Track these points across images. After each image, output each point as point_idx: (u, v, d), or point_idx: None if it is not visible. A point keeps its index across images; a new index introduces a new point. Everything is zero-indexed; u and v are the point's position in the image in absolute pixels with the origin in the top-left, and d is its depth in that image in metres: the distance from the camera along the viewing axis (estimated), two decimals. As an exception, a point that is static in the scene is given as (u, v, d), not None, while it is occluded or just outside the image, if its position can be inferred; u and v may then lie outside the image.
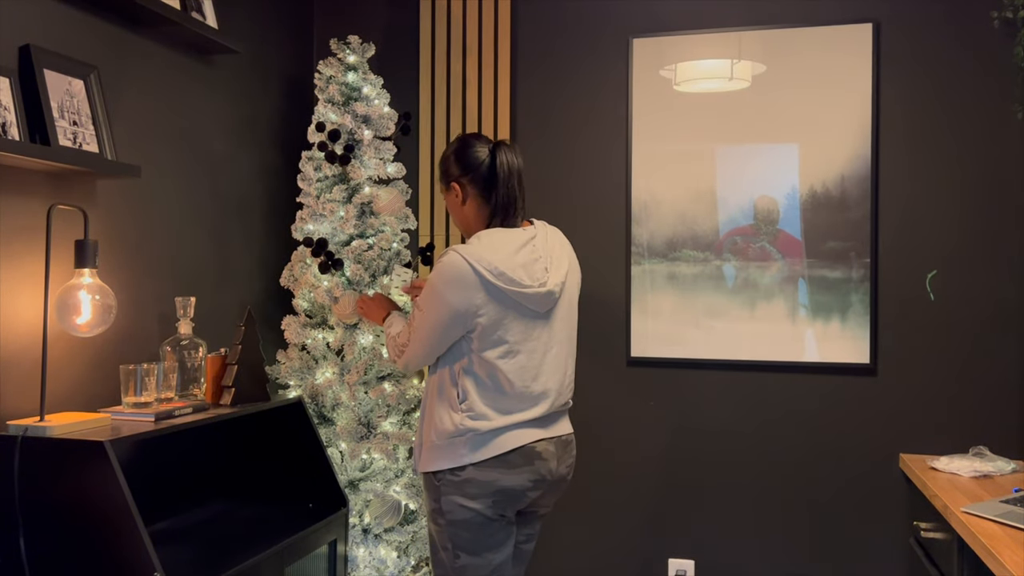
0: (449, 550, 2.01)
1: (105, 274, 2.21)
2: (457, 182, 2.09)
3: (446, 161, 2.12)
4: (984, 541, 1.77)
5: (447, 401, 2.02)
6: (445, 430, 2.00)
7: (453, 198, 2.11)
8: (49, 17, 2.10)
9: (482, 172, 2.06)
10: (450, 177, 2.11)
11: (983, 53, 2.79)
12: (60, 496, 1.82)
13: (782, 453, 2.96)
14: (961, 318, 2.82)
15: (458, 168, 2.09)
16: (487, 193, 2.07)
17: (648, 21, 3.09)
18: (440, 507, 2.01)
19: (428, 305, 2.01)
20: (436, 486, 2.01)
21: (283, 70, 3.19)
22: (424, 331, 2.03)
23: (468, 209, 2.10)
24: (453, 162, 2.10)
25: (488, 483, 1.97)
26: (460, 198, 2.09)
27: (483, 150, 2.08)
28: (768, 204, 2.95)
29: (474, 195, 2.08)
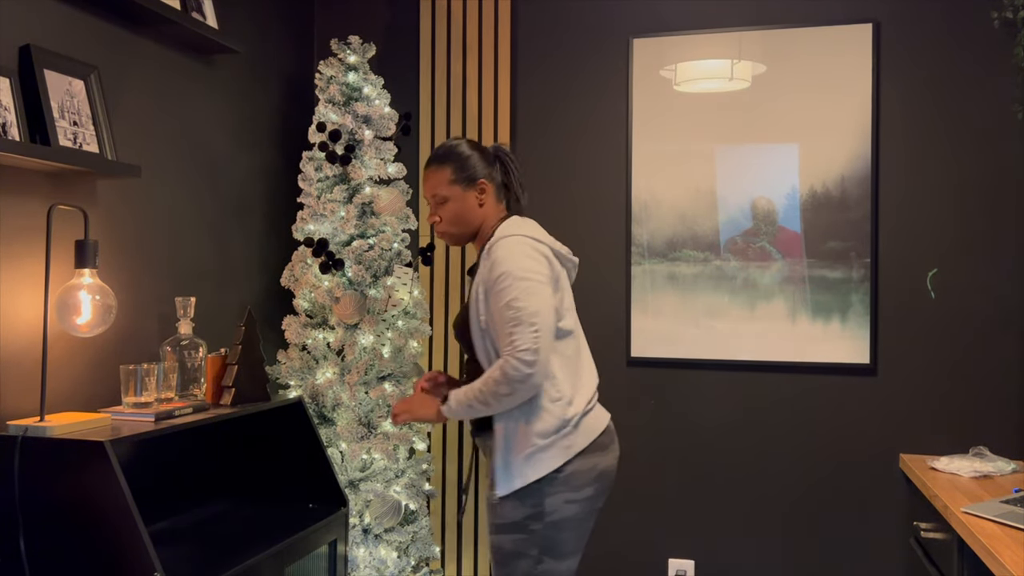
0: (533, 556, 1.93)
1: (105, 274, 2.21)
2: (484, 180, 2.05)
3: (469, 160, 2.05)
4: (984, 541, 1.77)
5: (544, 397, 1.93)
6: (549, 428, 1.92)
7: (473, 196, 2.04)
8: (49, 17, 2.10)
9: (497, 169, 2.09)
10: (477, 175, 2.05)
11: (983, 53, 2.79)
12: (60, 496, 1.82)
13: (782, 453, 2.96)
14: (961, 318, 2.82)
15: (484, 166, 2.06)
16: (502, 190, 2.10)
17: (648, 21, 3.09)
18: (542, 510, 1.92)
19: (523, 293, 1.87)
20: (540, 490, 1.92)
21: (283, 70, 3.19)
22: (539, 319, 1.86)
23: (487, 207, 2.06)
24: (478, 160, 2.06)
25: (591, 469, 1.95)
26: (483, 195, 2.05)
27: (488, 149, 2.11)
28: (766, 205, 2.95)
29: (492, 192, 2.06)
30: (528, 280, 1.88)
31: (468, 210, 2.05)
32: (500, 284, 1.89)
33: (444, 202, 2.04)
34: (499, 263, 1.91)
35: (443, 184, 2.04)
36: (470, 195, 2.04)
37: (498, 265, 1.91)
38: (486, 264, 1.95)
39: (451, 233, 2.08)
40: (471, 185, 2.04)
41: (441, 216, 2.06)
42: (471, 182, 2.04)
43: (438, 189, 2.04)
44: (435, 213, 2.08)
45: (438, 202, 2.05)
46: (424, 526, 2.79)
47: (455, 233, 2.07)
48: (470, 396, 1.93)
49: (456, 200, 2.04)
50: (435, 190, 2.05)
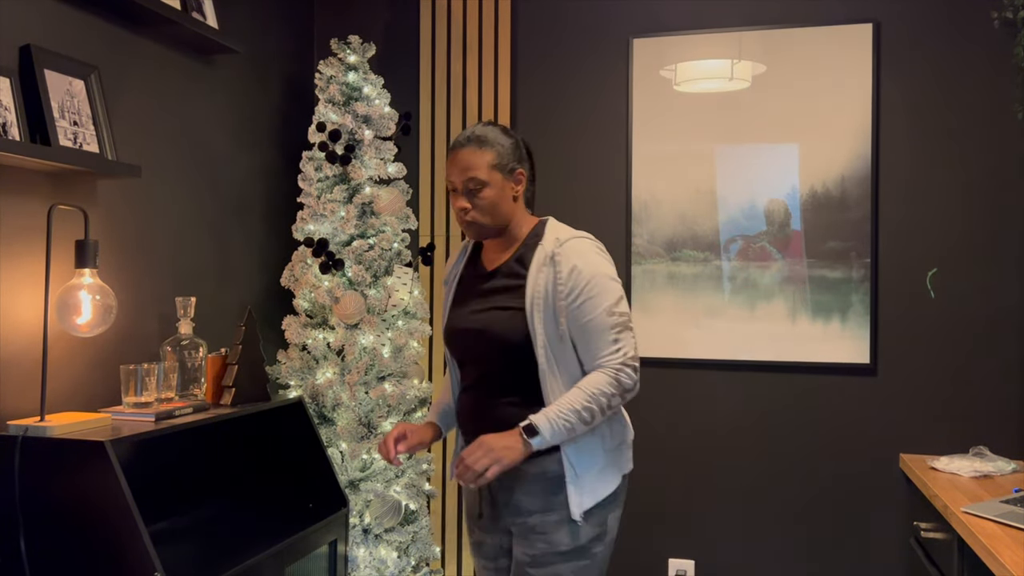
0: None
1: (105, 274, 2.21)
2: (523, 171, 1.90)
3: (511, 147, 1.87)
4: (984, 541, 1.77)
5: None
6: (617, 440, 1.87)
7: (511, 187, 1.86)
8: (49, 17, 2.10)
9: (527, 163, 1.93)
10: (517, 165, 1.88)
11: (983, 53, 2.79)
12: (60, 496, 1.82)
13: (782, 453, 2.96)
14: (961, 318, 2.82)
15: (522, 156, 1.90)
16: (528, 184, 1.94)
17: (648, 21, 3.09)
18: (605, 530, 1.82)
19: (620, 298, 1.80)
20: (604, 508, 1.82)
21: (283, 70, 3.19)
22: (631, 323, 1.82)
23: (519, 201, 1.90)
24: (518, 149, 1.89)
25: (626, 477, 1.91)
26: (519, 188, 1.88)
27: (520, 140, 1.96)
28: (775, 206, 2.95)
29: (524, 186, 1.90)
30: (618, 283, 1.81)
31: (504, 200, 1.86)
32: (594, 288, 1.77)
33: (480, 188, 1.82)
34: (584, 266, 1.78)
35: (483, 168, 1.82)
36: (508, 185, 1.86)
37: (583, 268, 1.78)
38: (553, 268, 1.79)
39: (481, 224, 1.85)
40: (511, 174, 1.86)
41: (475, 204, 1.83)
42: (511, 171, 1.87)
43: (477, 172, 1.82)
44: (466, 200, 1.84)
45: (473, 188, 1.82)
46: (424, 526, 2.79)
47: (486, 224, 1.85)
48: (569, 416, 1.72)
49: (495, 187, 1.84)
50: (473, 173, 1.82)
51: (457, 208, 1.85)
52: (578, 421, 1.73)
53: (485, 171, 1.82)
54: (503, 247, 1.91)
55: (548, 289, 1.78)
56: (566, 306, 1.77)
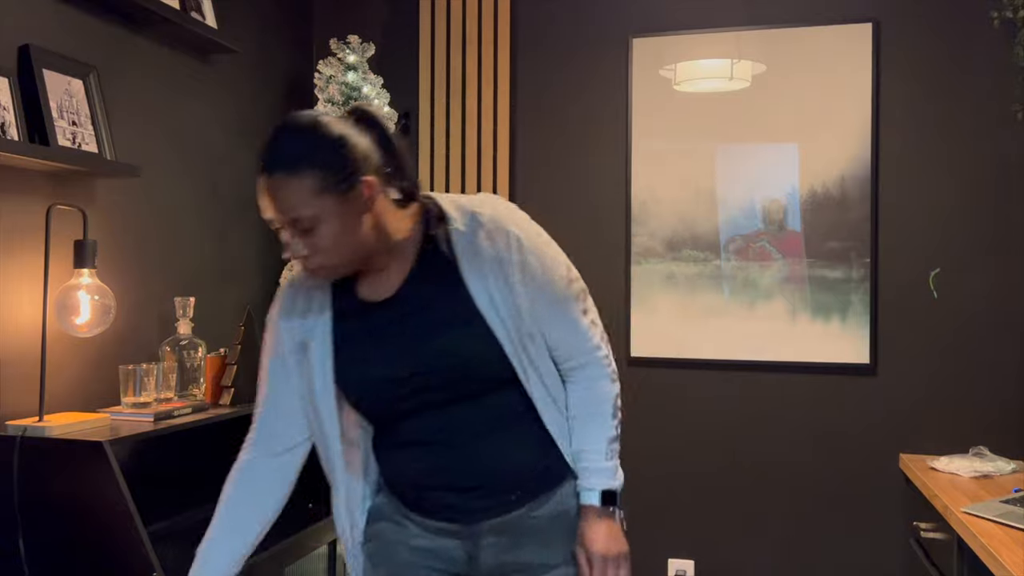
0: None
1: (104, 274, 2.21)
2: (370, 174, 1.31)
3: (345, 147, 1.29)
4: (984, 541, 1.76)
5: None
6: None
7: (359, 204, 1.30)
8: (48, 17, 2.10)
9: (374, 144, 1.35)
10: (360, 166, 1.30)
11: (983, 53, 2.79)
12: (59, 496, 1.82)
13: (782, 453, 2.96)
14: (961, 318, 2.81)
15: (359, 147, 1.31)
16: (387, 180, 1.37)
17: (648, 20, 3.08)
18: None
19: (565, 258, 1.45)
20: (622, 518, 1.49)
21: (283, 70, 3.19)
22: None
23: (381, 207, 1.34)
24: (353, 148, 1.30)
25: None
26: (371, 197, 1.31)
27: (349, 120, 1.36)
28: (775, 206, 2.95)
29: (379, 184, 1.34)
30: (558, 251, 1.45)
31: (354, 227, 1.30)
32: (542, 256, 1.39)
33: (313, 227, 1.27)
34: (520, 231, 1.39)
35: (306, 201, 1.26)
36: (353, 206, 1.29)
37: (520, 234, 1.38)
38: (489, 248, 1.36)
39: (334, 266, 1.33)
40: (352, 190, 1.28)
41: (313, 247, 1.29)
42: (351, 186, 1.28)
43: (299, 210, 1.26)
44: (301, 244, 1.29)
45: (303, 228, 1.28)
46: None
47: (343, 264, 1.33)
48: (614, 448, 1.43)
49: (333, 219, 1.28)
50: (295, 213, 1.26)
51: (291, 255, 1.31)
52: (618, 442, 1.46)
53: (310, 204, 1.26)
54: (386, 265, 1.38)
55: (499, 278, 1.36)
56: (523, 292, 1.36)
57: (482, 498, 1.40)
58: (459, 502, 1.41)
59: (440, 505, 1.42)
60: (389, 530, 1.47)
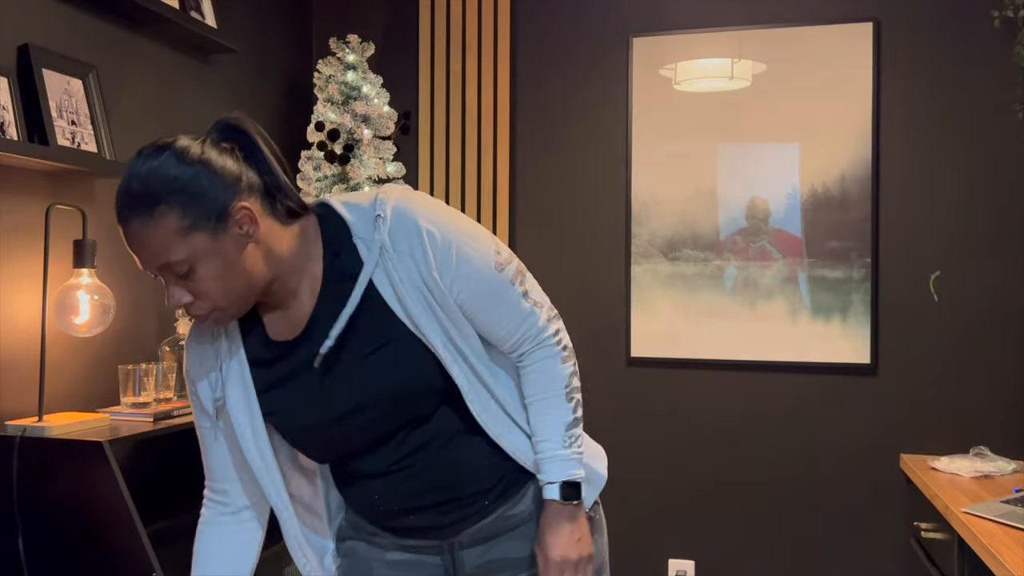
0: None
1: (104, 274, 2.21)
2: (242, 200, 1.15)
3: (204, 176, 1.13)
4: (984, 541, 1.76)
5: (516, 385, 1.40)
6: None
7: (235, 237, 1.14)
8: (48, 17, 2.09)
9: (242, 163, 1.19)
10: (228, 195, 1.14)
11: (984, 52, 2.79)
12: (59, 496, 1.81)
13: (782, 453, 2.96)
14: (961, 318, 2.81)
15: (228, 177, 1.15)
16: (268, 199, 1.19)
17: (648, 20, 3.08)
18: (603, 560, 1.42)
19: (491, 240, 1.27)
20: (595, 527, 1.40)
21: (282, 69, 3.19)
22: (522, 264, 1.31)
23: (266, 231, 1.17)
24: (215, 173, 1.14)
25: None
26: (251, 225, 1.15)
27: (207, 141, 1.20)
28: (762, 204, 2.95)
29: (259, 209, 1.17)
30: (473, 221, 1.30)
31: (237, 262, 1.15)
32: (459, 243, 1.22)
33: (189, 272, 1.14)
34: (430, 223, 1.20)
35: (173, 243, 1.12)
36: (229, 240, 1.14)
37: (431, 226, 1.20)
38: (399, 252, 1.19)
39: (225, 308, 1.18)
40: (223, 223, 1.13)
41: (197, 292, 1.15)
42: (221, 218, 1.13)
43: (168, 255, 1.12)
44: (182, 290, 1.16)
45: (177, 275, 1.14)
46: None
47: (235, 303, 1.18)
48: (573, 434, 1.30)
49: (210, 258, 1.13)
50: (164, 258, 1.13)
51: (172, 304, 1.17)
52: (579, 429, 1.32)
53: (177, 247, 1.12)
54: (290, 293, 1.23)
55: (417, 283, 1.20)
56: (447, 291, 1.21)
57: (452, 512, 1.30)
58: (431, 521, 1.31)
59: (411, 528, 1.33)
60: (361, 547, 1.38)
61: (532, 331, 1.28)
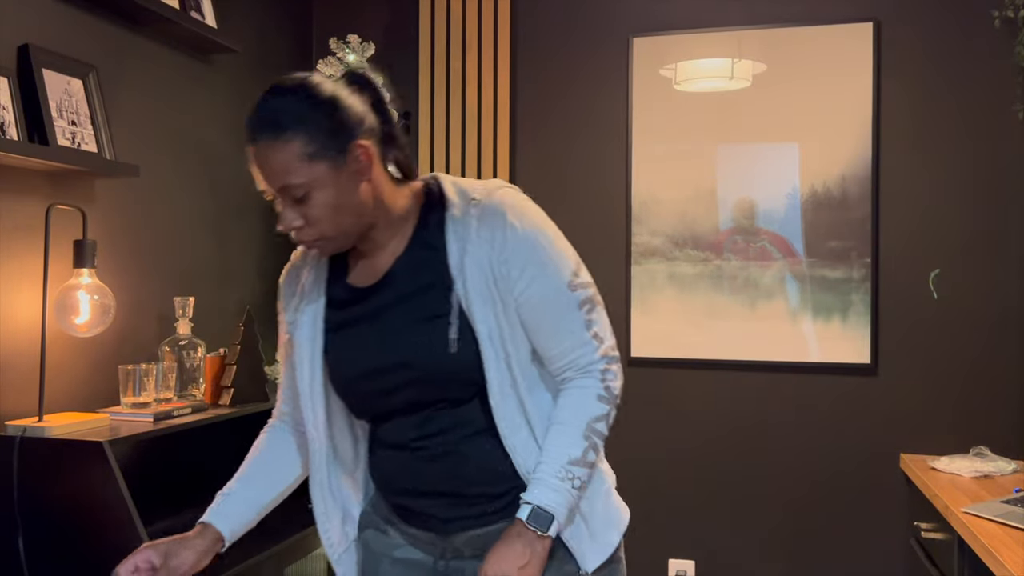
0: None
1: (104, 274, 2.21)
2: (364, 138, 1.23)
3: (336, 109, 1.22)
4: (984, 541, 1.76)
5: None
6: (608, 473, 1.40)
7: (352, 170, 1.22)
8: (48, 17, 2.09)
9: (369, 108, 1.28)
10: (353, 131, 1.22)
11: (984, 52, 2.79)
12: (59, 497, 1.81)
13: (782, 453, 2.96)
14: (962, 318, 2.81)
15: (353, 110, 1.24)
16: (384, 148, 1.29)
17: (648, 20, 3.08)
18: None
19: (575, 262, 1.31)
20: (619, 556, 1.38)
21: (283, 69, 3.16)
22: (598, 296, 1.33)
23: (378, 177, 1.26)
24: (345, 109, 1.22)
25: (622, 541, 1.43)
26: (367, 165, 1.23)
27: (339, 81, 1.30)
28: (762, 205, 2.95)
29: (376, 157, 1.26)
30: (567, 243, 1.32)
31: (350, 196, 1.22)
32: (542, 254, 1.25)
33: (306, 195, 1.20)
34: (522, 225, 1.25)
35: (295, 166, 1.19)
36: (345, 173, 1.21)
37: (521, 227, 1.24)
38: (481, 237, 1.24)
39: (329, 238, 1.25)
40: (343, 156, 1.21)
41: (307, 216, 1.22)
42: (343, 151, 1.21)
43: (289, 176, 1.19)
44: (294, 213, 1.23)
45: (296, 196, 1.21)
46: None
47: (338, 236, 1.25)
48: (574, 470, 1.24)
49: (326, 186, 1.20)
50: (285, 179, 1.20)
51: (284, 226, 1.24)
52: (584, 471, 1.25)
53: (300, 169, 1.19)
54: (381, 244, 1.30)
55: (486, 271, 1.23)
56: (511, 288, 1.24)
57: (454, 507, 1.31)
58: (433, 510, 1.32)
59: (415, 511, 1.35)
60: (373, 540, 1.42)
61: (582, 360, 1.28)
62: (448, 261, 1.25)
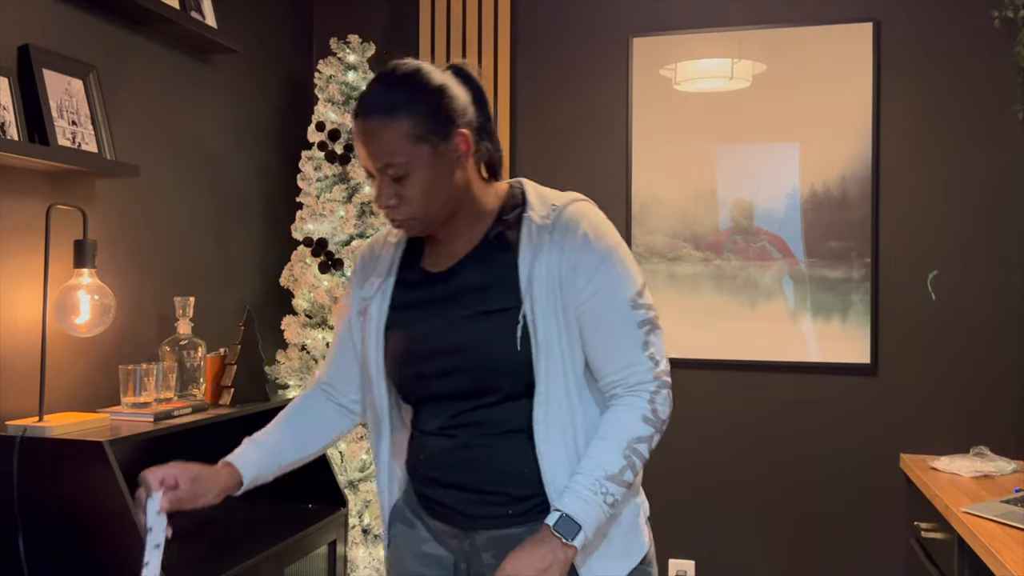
0: None
1: (104, 274, 2.21)
2: (465, 128, 1.30)
3: (445, 97, 1.28)
4: (984, 541, 1.76)
5: None
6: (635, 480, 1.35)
7: (451, 157, 1.29)
8: (48, 17, 2.10)
9: (472, 104, 1.34)
10: (458, 119, 1.29)
11: (983, 52, 2.79)
12: (59, 497, 1.81)
13: (782, 453, 2.96)
14: (962, 318, 2.81)
15: (470, 99, 1.33)
16: (479, 140, 1.35)
17: (648, 20, 3.08)
18: None
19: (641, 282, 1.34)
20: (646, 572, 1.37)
21: (283, 70, 3.19)
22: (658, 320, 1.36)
23: (471, 169, 1.34)
24: (452, 99, 1.29)
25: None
26: (464, 154, 1.30)
27: (447, 71, 1.36)
28: (762, 205, 2.95)
29: (472, 145, 1.33)
30: (634, 267, 1.33)
31: (444, 180, 1.29)
32: (612, 270, 1.28)
33: (405, 174, 1.27)
34: (596, 239, 1.29)
35: (400, 145, 1.25)
36: (445, 158, 1.28)
37: (596, 241, 1.29)
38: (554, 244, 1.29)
39: (418, 219, 1.31)
40: (446, 140, 1.27)
41: (402, 195, 1.28)
42: (446, 136, 1.27)
43: (393, 155, 1.26)
44: (390, 190, 1.28)
45: (395, 174, 1.27)
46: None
47: (426, 218, 1.31)
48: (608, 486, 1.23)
49: (425, 167, 1.27)
50: (388, 157, 1.26)
51: (379, 203, 1.31)
52: (619, 489, 1.24)
53: (404, 149, 1.25)
54: (460, 234, 1.35)
55: (554, 275, 1.27)
56: (575, 296, 1.28)
57: (476, 504, 1.32)
58: (455, 504, 1.34)
59: (439, 503, 1.36)
60: (402, 534, 1.44)
61: (632, 379, 1.28)
62: (519, 261, 1.29)
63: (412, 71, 1.29)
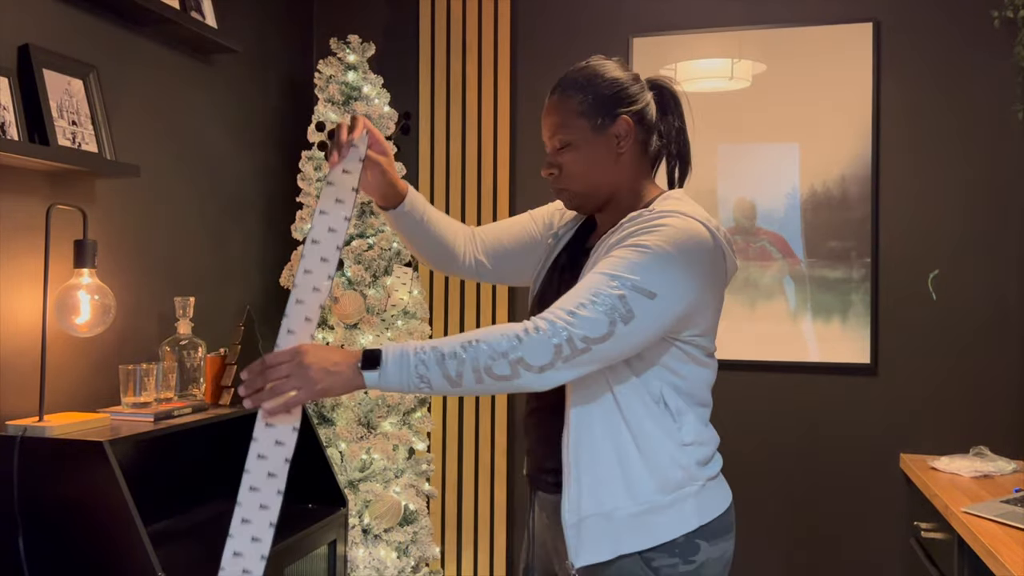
0: None
1: (104, 274, 2.21)
2: (628, 116, 1.41)
3: (620, 86, 1.42)
4: (984, 541, 1.76)
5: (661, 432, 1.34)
6: (673, 479, 1.34)
7: (609, 140, 1.40)
8: (48, 17, 2.10)
9: (652, 106, 1.46)
10: (619, 106, 1.41)
11: (983, 52, 2.79)
12: (59, 496, 1.81)
13: (782, 453, 2.96)
14: (961, 318, 2.81)
15: (631, 95, 1.43)
16: (651, 141, 1.45)
17: (648, 20, 3.08)
18: None
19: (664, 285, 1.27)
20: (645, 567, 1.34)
21: (283, 70, 3.19)
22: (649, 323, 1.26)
23: (627, 161, 1.42)
24: (625, 85, 1.43)
25: (722, 559, 1.42)
26: (623, 141, 1.40)
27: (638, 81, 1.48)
28: (762, 205, 2.95)
29: (635, 138, 1.42)
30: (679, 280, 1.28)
31: (598, 162, 1.40)
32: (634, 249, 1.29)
33: (564, 147, 1.41)
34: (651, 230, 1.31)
35: (567, 121, 1.40)
36: (602, 140, 1.40)
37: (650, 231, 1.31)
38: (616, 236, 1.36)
39: (572, 192, 1.43)
40: (607, 123, 1.39)
41: (559, 167, 1.42)
42: (611, 117, 1.40)
43: (560, 128, 1.41)
44: (552, 161, 1.43)
45: (558, 146, 1.41)
46: (424, 526, 2.79)
47: (577, 193, 1.43)
48: (427, 355, 1.22)
49: (581, 144, 1.40)
50: (556, 130, 1.41)
51: (544, 172, 1.46)
52: (437, 370, 1.21)
53: (568, 122, 1.40)
54: (613, 220, 1.42)
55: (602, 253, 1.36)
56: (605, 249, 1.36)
57: (538, 471, 1.47)
58: (532, 467, 1.49)
59: (530, 466, 1.51)
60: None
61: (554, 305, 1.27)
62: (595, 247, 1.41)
63: (598, 64, 1.46)
